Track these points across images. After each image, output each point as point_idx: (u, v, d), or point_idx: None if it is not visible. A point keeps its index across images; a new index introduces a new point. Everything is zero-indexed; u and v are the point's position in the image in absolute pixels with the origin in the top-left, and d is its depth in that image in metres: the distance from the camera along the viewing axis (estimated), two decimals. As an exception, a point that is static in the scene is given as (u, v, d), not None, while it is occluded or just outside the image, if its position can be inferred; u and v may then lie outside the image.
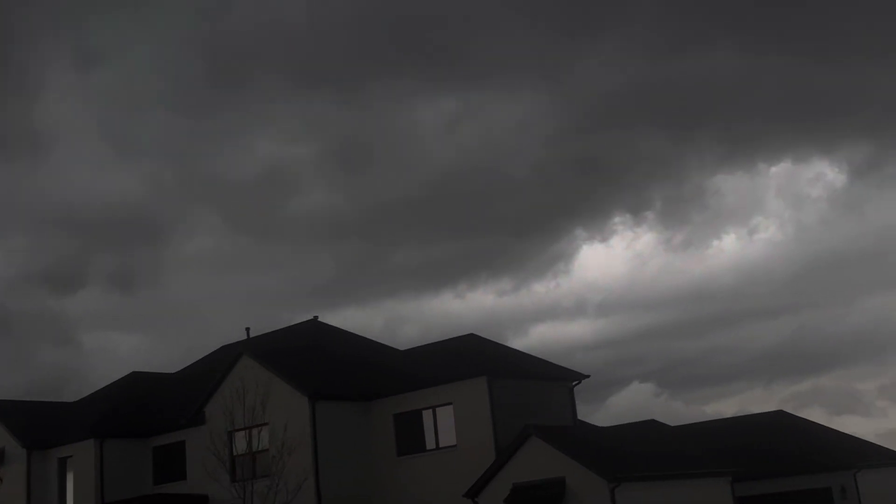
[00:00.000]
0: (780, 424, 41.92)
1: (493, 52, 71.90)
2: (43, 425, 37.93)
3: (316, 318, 40.57)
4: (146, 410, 37.83)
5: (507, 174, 73.89)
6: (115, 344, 78.61)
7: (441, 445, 30.80)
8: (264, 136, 78.94)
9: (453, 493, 29.22)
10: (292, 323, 40.47)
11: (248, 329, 43.51)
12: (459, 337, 34.51)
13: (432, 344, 35.47)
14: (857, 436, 42.32)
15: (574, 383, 32.93)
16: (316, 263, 77.84)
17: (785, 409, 43.61)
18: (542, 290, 79.21)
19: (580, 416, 33.17)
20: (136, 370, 42.36)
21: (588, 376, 33.05)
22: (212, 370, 40.35)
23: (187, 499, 33.40)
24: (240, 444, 33.09)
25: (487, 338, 34.83)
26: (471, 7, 70.18)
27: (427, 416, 31.37)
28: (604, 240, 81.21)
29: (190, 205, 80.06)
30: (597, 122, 72.92)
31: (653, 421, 34.82)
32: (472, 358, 31.48)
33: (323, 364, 34.58)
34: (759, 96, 68.20)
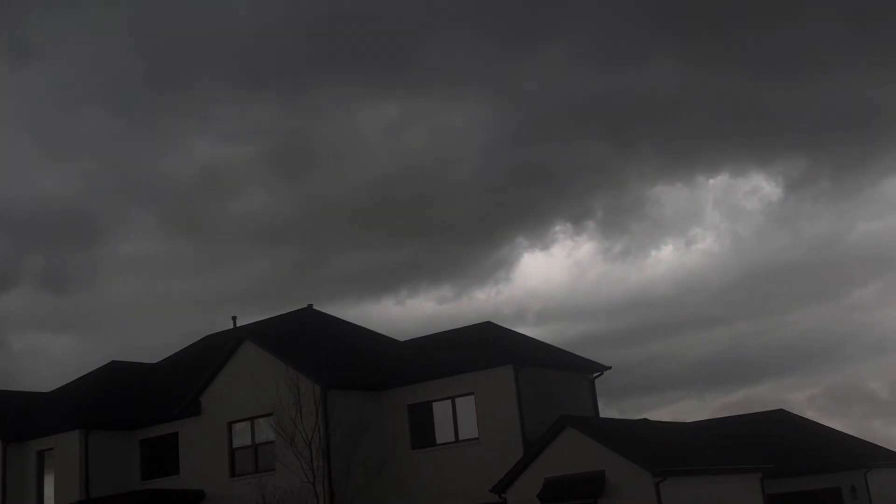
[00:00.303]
0: (783, 422, 41.11)
1: (437, 59, 72.39)
2: (17, 416, 35.34)
3: (310, 305, 38.55)
4: (131, 401, 35.49)
5: (450, 181, 74.08)
6: (46, 345, 76.92)
7: (461, 438, 29.08)
8: (203, 137, 77.73)
9: (474, 489, 27.54)
10: (284, 311, 38.28)
11: (234, 318, 41.43)
12: (476, 325, 32.86)
13: (444, 332, 33.70)
14: (859, 437, 41.72)
15: (595, 375, 31.52)
16: (254, 267, 77.02)
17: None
18: (483, 297, 78.54)
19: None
20: (115, 360, 39.96)
21: (610, 367, 31.66)
22: (198, 359, 38.25)
23: (182, 495, 31.17)
24: (240, 435, 31.08)
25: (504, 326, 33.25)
26: (416, 13, 70.11)
27: (444, 407, 29.68)
28: (545, 248, 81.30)
29: (126, 205, 78.26)
30: (539, 130, 73.78)
31: (645, 420, 33.28)
32: (493, 346, 29.82)
33: (327, 352, 32.63)
34: (698, 109, 69.68)
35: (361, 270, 75.17)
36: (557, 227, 78.53)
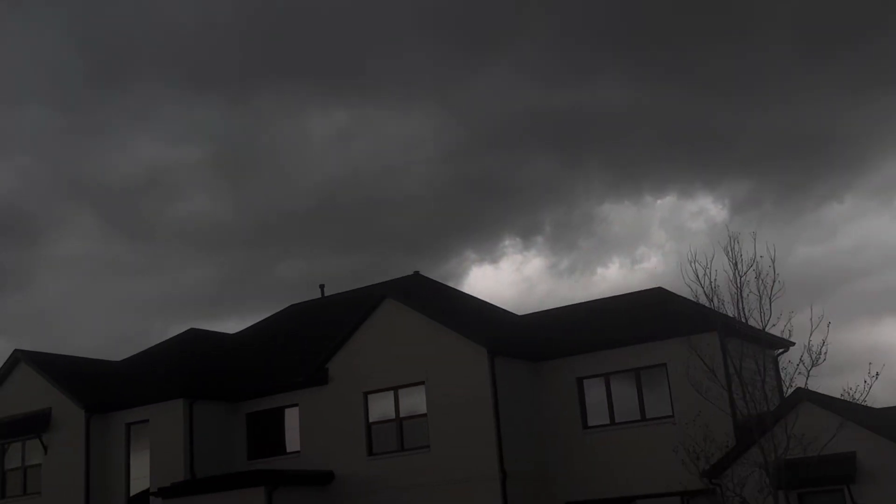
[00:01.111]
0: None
1: (387, 68, 72.69)
2: (99, 385, 30.96)
3: (417, 272, 34.58)
4: (226, 372, 31.24)
5: (397, 190, 74.00)
6: None
7: (649, 416, 25.33)
8: (146, 138, 76.33)
9: (667, 474, 23.79)
10: (390, 278, 34.24)
11: (322, 286, 37.49)
12: (646, 290, 29.20)
13: (606, 299, 30.02)
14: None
15: (780, 351, 27.97)
16: (196, 272, 75.76)
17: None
18: None
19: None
20: (194, 327, 35.74)
21: (793, 344, 28.13)
22: (287, 328, 34.25)
23: (308, 476, 26.96)
24: (379, 407, 27.04)
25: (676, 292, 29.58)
26: (368, 20, 69.31)
27: (624, 380, 25.90)
28: (493, 262, 79.83)
29: (64, 205, 76.65)
30: (488, 143, 74.68)
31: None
32: (686, 313, 26.05)
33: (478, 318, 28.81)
34: (647, 129, 71.30)
35: (307, 279, 74.20)
36: (507, 241, 78.02)
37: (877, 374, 20.65)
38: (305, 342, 31.13)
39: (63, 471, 29.58)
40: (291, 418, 28.81)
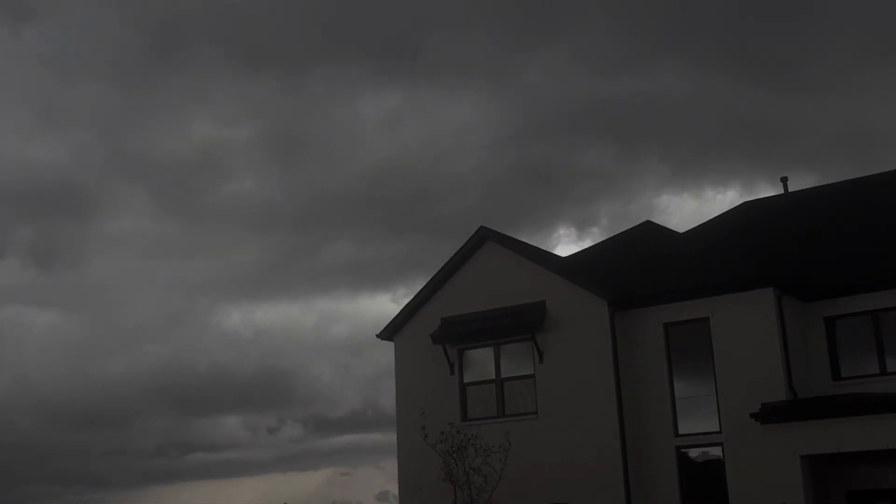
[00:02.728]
0: None
1: (441, 51, 69.78)
2: (620, 272, 24.20)
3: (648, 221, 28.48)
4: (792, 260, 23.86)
5: (449, 176, 71.02)
6: (29, 320, 72.31)
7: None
8: (200, 116, 74.87)
9: None
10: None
11: (784, 178, 30.35)
12: None
13: None
14: None
15: None
16: (244, 253, 74.22)
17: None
18: None
19: None
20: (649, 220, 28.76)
21: None
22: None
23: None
24: None
25: None
26: (424, 2, 67.89)
27: None
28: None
29: (117, 181, 75.87)
30: (543, 130, 72.37)
31: None
32: None
33: None
34: (707, 120, 67.64)
35: (355, 263, 71.84)
36: (561, 231, 73.77)
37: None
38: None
39: (575, 385, 22.58)
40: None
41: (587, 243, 75.36)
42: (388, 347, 26.17)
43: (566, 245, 73.84)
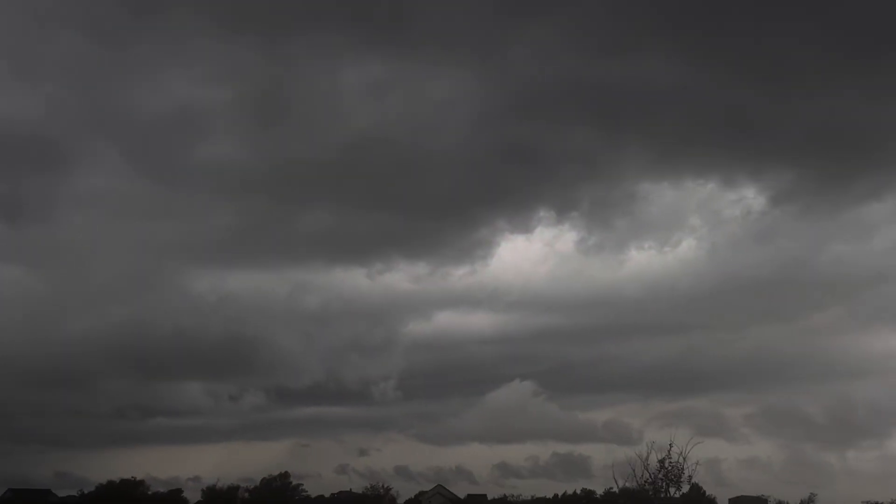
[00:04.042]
0: None
1: (427, 23, 69.58)
2: None
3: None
4: None
5: (429, 151, 71.71)
6: None
7: None
8: (178, 74, 73.78)
9: None
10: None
11: None
12: None
13: None
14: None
15: None
16: (218, 217, 73.60)
17: (653, 427, 33.94)
18: (453, 278, 74.25)
19: None
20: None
21: None
22: None
23: None
24: None
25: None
26: None
27: None
28: (526, 233, 77.92)
29: (90, 137, 74.44)
30: (526, 109, 72.11)
31: None
32: None
33: None
34: (690, 110, 68.33)
35: (331, 234, 72.60)
36: (541, 213, 75.64)
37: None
38: None
39: None
40: None
41: (566, 228, 76.29)
42: (355, 319, 26.48)
43: (546, 227, 74.64)
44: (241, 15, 65.52)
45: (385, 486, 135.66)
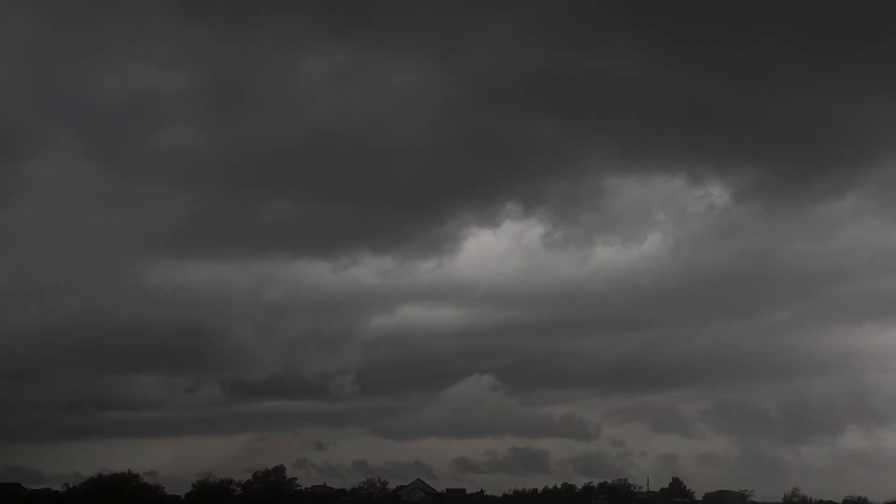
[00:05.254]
0: None
1: (391, 12, 71.92)
2: None
3: None
4: None
5: (393, 141, 74.08)
6: None
7: None
8: (137, 60, 73.73)
9: None
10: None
11: None
12: None
13: None
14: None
15: None
16: (176, 206, 73.86)
17: (610, 423, 39.28)
18: (419, 272, 77.35)
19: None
20: None
21: None
22: None
23: None
24: None
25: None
26: None
27: None
28: (493, 226, 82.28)
29: (44, 121, 73.37)
30: (492, 101, 75.49)
31: None
32: None
33: None
34: (657, 104, 73.40)
35: (294, 225, 73.72)
36: (508, 207, 79.34)
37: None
38: None
39: None
40: None
41: (533, 222, 77.16)
42: (315, 312, 25.99)
43: (514, 221, 75.21)
44: (202, 0, 64.03)
45: (382, 480, 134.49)
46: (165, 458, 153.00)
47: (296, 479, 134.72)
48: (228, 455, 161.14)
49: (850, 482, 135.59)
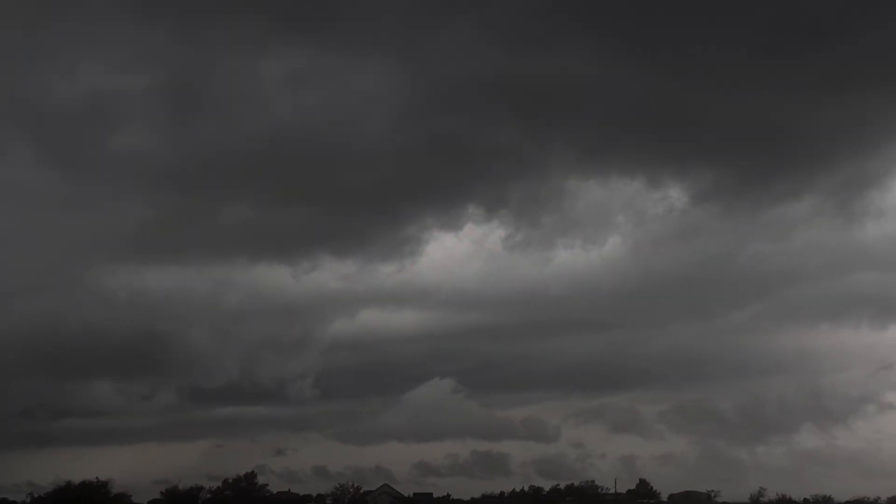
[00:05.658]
0: None
1: (351, 15, 72.31)
2: None
3: None
4: None
5: (353, 144, 74.82)
6: None
7: None
8: (92, 61, 73.19)
9: None
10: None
11: None
12: None
13: None
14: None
15: None
16: (133, 211, 73.59)
17: (570, 425, 41.99)
18: (381, 276, 78.66)
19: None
20: None
21: None
22: None
23: None
24: None
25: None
26: None
27: None
28: (454, 230, 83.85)
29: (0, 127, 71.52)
30: (452, 104, 76.90)
31: None
32: None
33: None
34: (615, 107, 75.61)
35: (253, 229, 73.89)
36: (470, 210, 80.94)
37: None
38: None
39: None
40: None
41: (495, 225, 78.09)
42: (274, 317, 26.62)
43: (476, 224, 75.40)
44: (158, 0, 62.92)
45: (355, 484, 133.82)
46: (122, 466, 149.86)
47: (266, 485, 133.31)
48: (186, 462, 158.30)
49: (807, 481, 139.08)
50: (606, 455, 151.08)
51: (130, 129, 59.35)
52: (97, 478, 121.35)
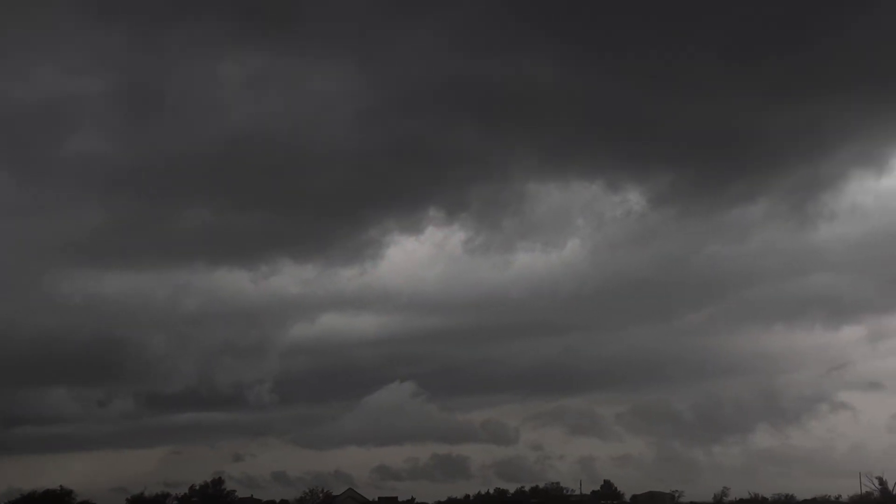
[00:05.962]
0: None
1: (310, 18, 72.00)
2: None
3: None
4: None
5: (314, 147, 74.15)
6: None
7: None
8: (46, 63, 72.02)
9: None
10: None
11: None
12: None
13: None
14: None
15: None
16: (88, 215, 72.01)
17: (529, 427, 43.63)
18: (341, 280, 78.69)
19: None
20: None
21: None
22: None
23: None
24: None
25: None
26: None
27: None
28: (415, 233, 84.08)
29: None
30: (412, 108, 76.80)
31: None
32: None
33: None
34: (575, 110, 75.54)
35: (212, 233, 72.97)
36: (431, 213, 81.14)
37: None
38: None
39: None
40: None
41: (456, 228, 77.94)
42: (232, 322, 27.13)
43: (437, 227, 75.01)
44: (113, 1, 61.84)
45: (324, 489, 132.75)
46: (78, 474, 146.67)
47: (234, 490, 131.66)
48: (144, 469, 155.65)
49: (763, 480, 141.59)
50: (565, 457, 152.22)
51: (86, 132, 58.46)
52: (61, 486, 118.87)
